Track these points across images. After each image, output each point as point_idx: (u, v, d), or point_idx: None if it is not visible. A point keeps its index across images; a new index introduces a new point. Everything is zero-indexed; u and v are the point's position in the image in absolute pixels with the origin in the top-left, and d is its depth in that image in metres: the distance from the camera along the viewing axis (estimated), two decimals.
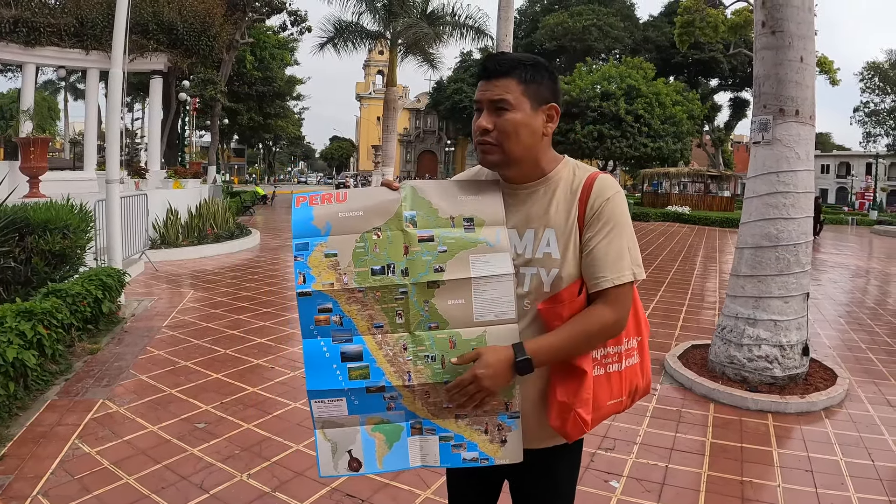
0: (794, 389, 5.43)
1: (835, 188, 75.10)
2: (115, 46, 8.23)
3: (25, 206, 7.00)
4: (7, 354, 4.44)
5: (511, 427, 1.70)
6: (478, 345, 1.65)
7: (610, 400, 1.76)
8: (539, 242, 1.72)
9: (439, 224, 1.69)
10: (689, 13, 33.56)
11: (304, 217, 1.69)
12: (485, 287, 1.66)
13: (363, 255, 1.66)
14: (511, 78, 1.67)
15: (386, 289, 1.65)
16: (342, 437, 1.71)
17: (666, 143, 37.75)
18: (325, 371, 1.66)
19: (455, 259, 1.66)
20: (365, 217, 1.68)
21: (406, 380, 1.65)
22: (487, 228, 1.70)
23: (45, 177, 11.53)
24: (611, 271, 1.67)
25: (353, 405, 1.68)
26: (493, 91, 1.68)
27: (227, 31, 20.51)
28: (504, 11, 13.50)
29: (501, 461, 1.71)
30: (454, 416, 1.69)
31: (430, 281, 1.65)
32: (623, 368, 1.79)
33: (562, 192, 1.74)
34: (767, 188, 5.67)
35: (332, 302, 1.65)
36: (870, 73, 52.86)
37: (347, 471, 1.72)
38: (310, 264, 1.66)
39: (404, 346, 1.65)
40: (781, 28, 5.56)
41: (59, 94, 54.36)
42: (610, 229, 1.69)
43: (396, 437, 1.71)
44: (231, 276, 10.79)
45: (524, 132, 1.68)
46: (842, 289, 12.44)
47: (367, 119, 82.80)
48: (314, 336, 1.67)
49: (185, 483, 3.64)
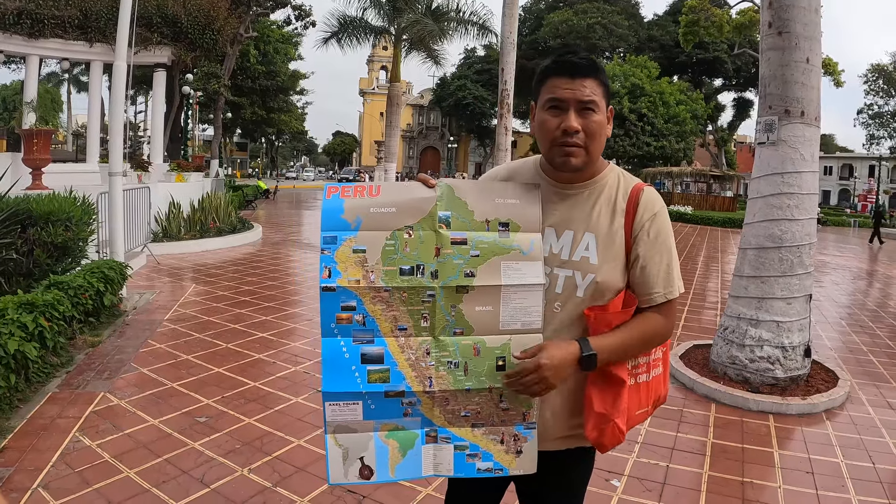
0: (795, 391, 5.43)
1: (837, 190, 75.01)
2: (119, 39, 8.22)
3: (28, 198, 6.99)
4: (8, 346, 4.43)
5: (527, 438, 1.68)
6: (502, 353, 1.62)
7: (638, 409, 1.76)
8: (577, 245, 1.70)
9: (474, 227, 1.64)
10: (693, 12, 33.53)
11: (334, 209, 1.64)
12: (514, 295, 1.63)
13: (392, 254, 1.61)
14: (596, 78, 1.65)
15: (413, 290, 1.61)
16: (354, 444, 1.65)
17: (669, 142, 37.72)
18: (344, 372, 1.61)
19: (487, 265, 1.62)
20: (397, 214, 1.63)
21: (427, 385, 1.62)
22: (522, 235, 1.66)
23: (48, 169, 11.51)
24: (663, 287, 1.70)
25: (370, 409, 1.63)
26: (583, 91, 1.63)
27: (232, 25, 20.49)
28: (509, 8, 13.47)
29: (516, 472, 1.69)
30: (471, 424, 1.66)
31: (460, 285, 1.61)
32: (650, 378, 1.80)
33: (606, 198, 1.73)
34: (772, 189, 5.66)
35: (356, 300, 1.60)
36: (874, 76, 52.67)
37: (358, 478, 1.66)
38: (337, 259, 1.61)
39: (427, 351, 1.61)
40: (788, 29, 5.54)
41: (62, 87, 54.32)
42: (660, 246, 1.71)
43: (410, 444, 1.66)
44: (233, 271, 10.79)
45: (603, 135, 1.68)
46: (844, 291, 12.43)
47: (370, 114, 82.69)
48: (335, 335, 1.61)
49: (185, 477, 3.64)
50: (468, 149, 77.85)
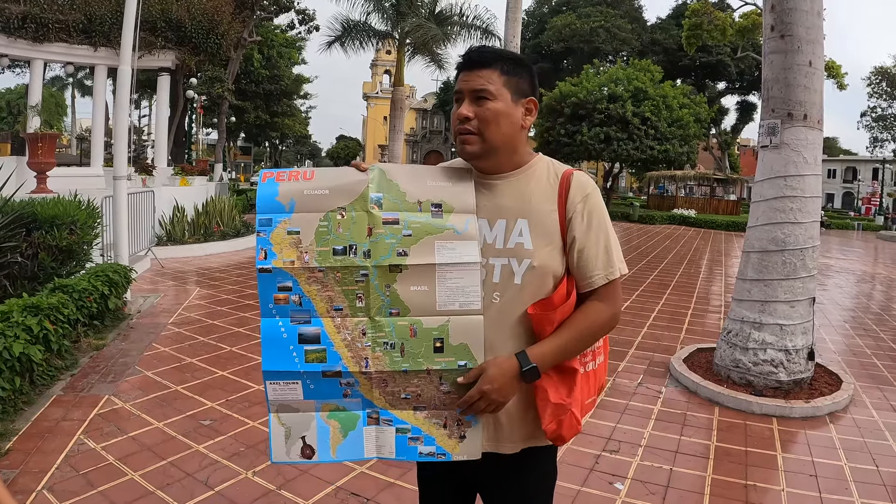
0: (798, 394, 5.42)
1: (841, 193, 74.85)
2: (123, 43, 8.26)
3: (33, 202, 7.02)
4: (13, 349, 4.45)
5: (471, 423, 1.67)
6: (439, 335, 1.62)
7: (588, 398, 1.77)
8: (510, 233, 1.70)
9: (406, 208, 1.66)
10: (696, 16, 33.48)
11: (268, 193, 1.66)
12: (450, 275, 1.62)
13: (326, 235, 1.63)
14: (492, 69, 1.69)
15: (347, 269, 1.62)
16: (296, 423, 1.67)
17: (672, 145, 37.57)
18: (282, 352, 1.63)
19: (420, 244, 1.63)
20: (330, 196, 1.65)
21: (363, 366, 1.62)
22: (456, 216, 1.66)
23: (53, 173, 11.54)
24: (602, 268, 1.70)
25: (309, 389, 1.65)
26: (475, 81, 1.68)
27: (235, 30, 20.53)
28: (512, 12, 13.47)
29: (459, 457, 1.68)
30: (412, 407, 1.66)
31: (393, 264, 1.62)
32: (597, 366, 1.81)
33: (536, 184, 1.75)
34: (775, 192, 5.66)
35: (291, 280, 1.62)
36: (877, 78, 52.50)
37: (300, 458, 1.68)
38: (272, 240, 1.63)
39: (363, 332, 1.62)
40: (790, 32, 5.55)
41: (66, 91, 54.48)
42: (596, 227, 1.71)
43: (352, 425, 1.67)
44: (237, 274, 10.81)
45: (504, 122, 1.69)
46: (847, 294, 12.40)
47: (373, 118, 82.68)
48: (273, 315, 1.63)
49: (190, 480, 3.65)
50: None
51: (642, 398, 5.36)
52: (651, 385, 5.75)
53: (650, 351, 6.89)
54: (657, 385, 5.76)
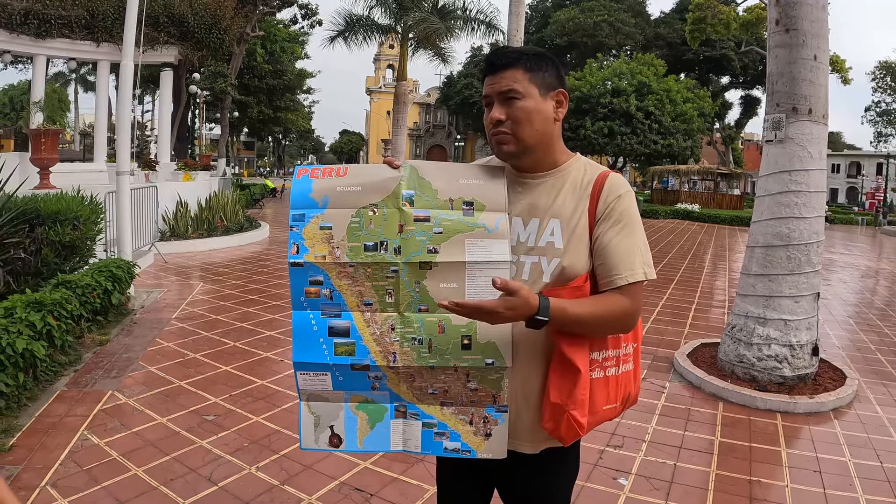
0: (803, 389, 5.41)
1: (845, 188, 74.61)
2: (126, 38, 8.25)
3: (36, 197, 7.02)
4: (17, 345, 4.46)
5: (498, 421, 1.67)
6: (467, 332, 1.62)
7: (606, 405, 1.72)
8: (543, 231, 1.70)
9: (437, 205, 1.66)
10: (700, 10, 33.42)
11: (303, 189, 1.68)
12: (479, 273, 1.62)
13: (357, 231, 1.64)
14: (516, 68, 1.68)
15: (377, 265, 1.63)
16: (326, 412, 1.71)
17: (676, 140, 37.54)
18: (312, 344, 1.65)
19: (450, 241, 1.63)
20: (363, 193, 1.66)
21: (391, 361, 1.63)
22: (487, 214, 1.66)
23: (56, 168, 11.56)
24: (624, 269, 1.66)
25: (338, 381, 1.67)
26: (501, 82, 1.68)
27: (238, 24, 20.52)
28: (515, 6, 13.43)
29: (484, 455, 1.68)
30: (439, 403, 1.67)
31: (423, 262, 1.62)
32: (620, 373, 1.76)
33: (571, 185, 1.74)
34: (779, 187, 5.64)
35: (323, 275, 1.64)
36: (882, 73, 52.36)
37: (328, 446, 1.72)
38: (304, 235, 1.65)
39: (392, 327, 1.63)
40: (795, 26, 5.52)
41: (69, 86, 54.54)
42: (622, 226, 1.68)
43: (379, 417, 1.70)
44: (240, 269, 10.82)
45: (537, 118, 1.68)
46: (852, 289, 12.38)
47: (376, 113, 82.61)
48: (304, 308, 1.66)
49: (193, 475, 3.65)
50: (475, 147, 77.71)
51: (646, 393, 5.34)
52: (655, 380, 5.74)
53: (654, 346, 6.88)
54: (661, 380, 5.75)
